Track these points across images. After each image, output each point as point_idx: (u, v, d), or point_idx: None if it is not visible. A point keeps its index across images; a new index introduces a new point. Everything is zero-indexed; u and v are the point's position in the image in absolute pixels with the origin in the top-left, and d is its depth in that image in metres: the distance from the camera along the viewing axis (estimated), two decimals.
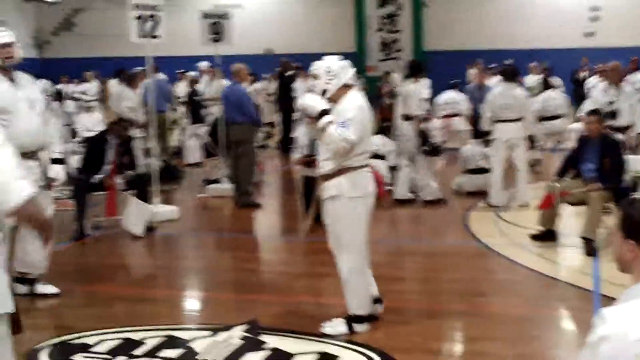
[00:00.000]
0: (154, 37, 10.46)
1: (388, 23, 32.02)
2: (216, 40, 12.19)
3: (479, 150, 11.71)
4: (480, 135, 11.52)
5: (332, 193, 5.65)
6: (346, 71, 5.73)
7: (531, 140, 11.38)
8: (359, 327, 5.78)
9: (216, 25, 12.14)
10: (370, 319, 5.89)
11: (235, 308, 6.55)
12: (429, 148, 11.20)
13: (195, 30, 12.69)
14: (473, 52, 29.48)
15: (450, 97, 14.68)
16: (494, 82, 13.38)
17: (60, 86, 23.10)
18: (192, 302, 7.21)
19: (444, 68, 27.24)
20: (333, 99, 5.69)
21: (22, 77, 6.40)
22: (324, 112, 5.53)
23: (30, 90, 6.43)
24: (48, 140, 6.59)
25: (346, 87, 5.70)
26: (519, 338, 5.79)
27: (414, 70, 11.13)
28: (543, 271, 7.58)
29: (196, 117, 15.61)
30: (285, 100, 17.46)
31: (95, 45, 33.34)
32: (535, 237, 8.64)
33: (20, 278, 6.66)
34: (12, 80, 6.26)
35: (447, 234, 9.64)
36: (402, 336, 5.79)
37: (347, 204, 5.63)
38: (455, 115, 14.46)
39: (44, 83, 24.94)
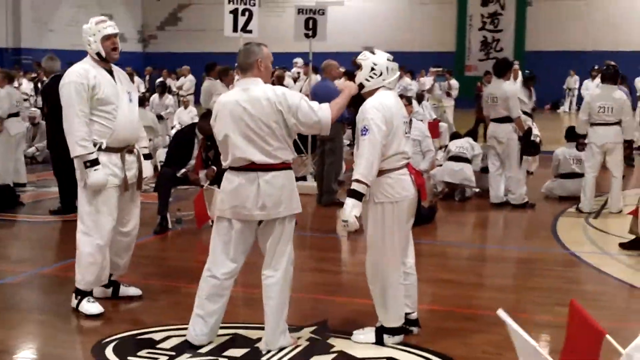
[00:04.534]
0: (247, 31, 10.48)
1: (490, 22, 31.55)
2: (309, 36, 12.11)
3: (573, 154, 11.33)
4: (575, 138, 11.13)
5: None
6: (391, 74, 5.51)
7: (630, 146, 10.93)
8: (390, 340, 5.56)
9: (310, 22, 12.08)
10: (404, 330, 5.65)
11: (307, 308, 6.42)
12: (533, 149, 10.97)
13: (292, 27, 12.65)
14: (576, 53, 28.80)
15: None
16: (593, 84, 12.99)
17: (161, 80, 23.48)
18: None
19: (545, 69, 26.77)
20: (365, 95, 5.54)
21: (117, 70, 6.38)
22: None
23: (128, 84, 6.43)
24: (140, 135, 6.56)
25: (383, 87, 5.52)
26: (604, 352, 5.48)
27: (504, 70, 10.82)
28: (632, 282, 7.27)
29: None
30: (359, 98, 16.98)
31: (198, 40, 33.94)
32: (625, 246, 8.28)
33: None
34: (111, 73, 6.23)
35: (533, 240, 9.35)
36: (477, 345, 5.60)
37: (374, 209, 5.39)
38: None
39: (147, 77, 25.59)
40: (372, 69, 5.47)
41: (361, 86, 5.54)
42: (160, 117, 16.55)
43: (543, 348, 5.78)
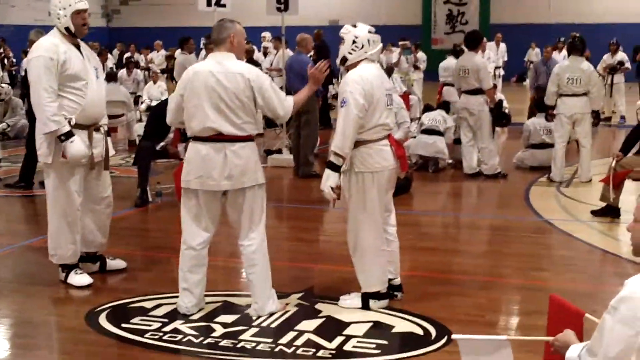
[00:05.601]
0: (221, 5, 10.54)
1: None
2: (281, 10, 12.11)
3: (543, 125, 11.55)
4: (544, 109, 11.35)
5: (343, 168, 5.53)
6: (373, 46, 5.60)
7: (597, 116, 11.17)
8: (375, 304, 5.71)
9: None
10: (389, 295, 5.82)
11: (291, 276, 6.56)
12: (505, 120, 11.19)
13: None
14: (539, 25, 29.08)
15: None
16: (560, 56, 13.19)
17: (128, 55, 23.31)
18: None
19: (509, 41, 27.05)
20: (348, 68, 5.64)
21: (84, 46, 6.33)
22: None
23: (94, 60, 6.40)
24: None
25: (366, 59, 5.60)
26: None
27: (476, 42, 11.00)
28: (604, 247, 7.53)
29: None
30: (322, 50, 16.48)
31: (162, 14, 33.67)
32: (596, 213, 8.53)
33: (88, 257, 6.59)
34: (78, 48, 6.20)
35: (507, 208, 9.56)
36: (459, 308, 5.78)
37: (354, 178, 5.56)
38: None
39: (115, 52, 25.39)
40: (354, 42, 5.56)
41: (344, 59, 5.62)
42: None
43: (515, 310, 6.05)
